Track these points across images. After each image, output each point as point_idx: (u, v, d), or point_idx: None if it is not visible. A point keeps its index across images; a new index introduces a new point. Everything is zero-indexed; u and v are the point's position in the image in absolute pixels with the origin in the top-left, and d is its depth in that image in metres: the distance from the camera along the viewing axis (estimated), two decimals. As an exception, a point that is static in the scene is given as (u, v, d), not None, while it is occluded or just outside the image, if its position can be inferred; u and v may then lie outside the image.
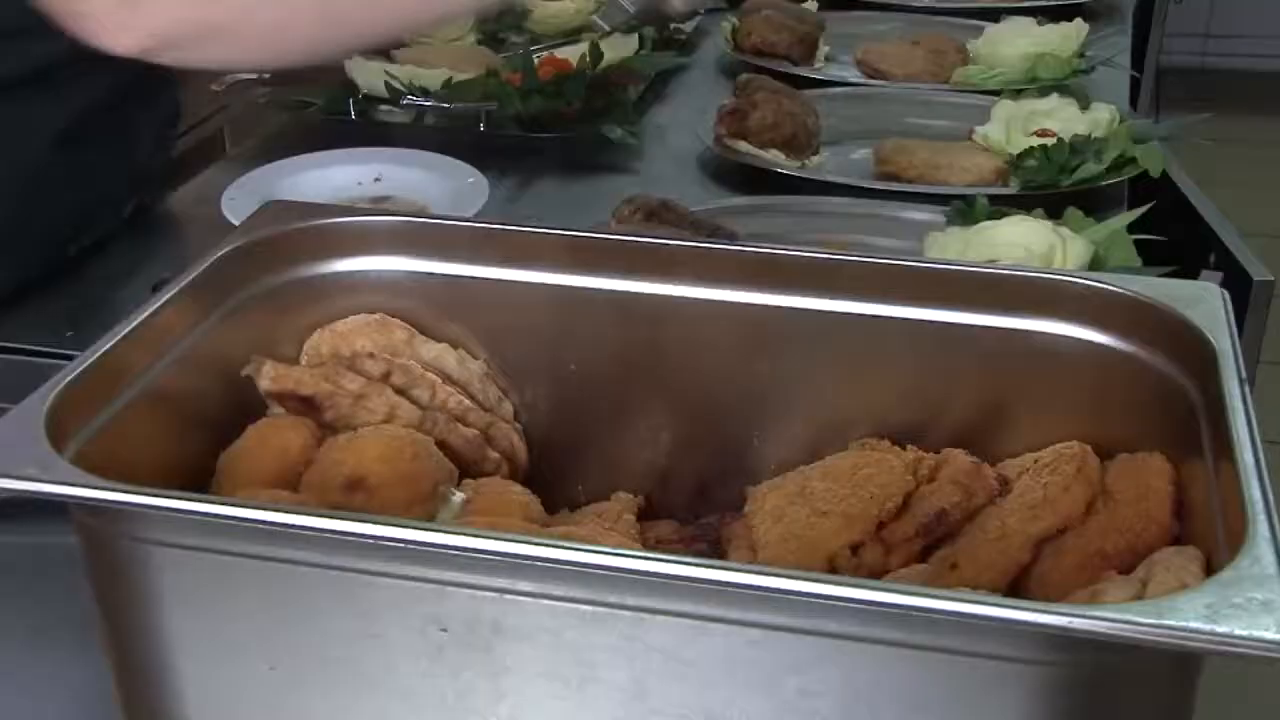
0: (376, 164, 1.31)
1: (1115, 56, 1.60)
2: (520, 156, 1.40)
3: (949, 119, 1.46)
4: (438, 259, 0.84)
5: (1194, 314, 0.70)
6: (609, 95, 1.42)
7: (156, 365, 0.70)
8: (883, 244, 1.22)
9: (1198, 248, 1.34)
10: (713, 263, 0.82)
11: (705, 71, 1.69)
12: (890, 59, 1.62)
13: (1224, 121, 3.73)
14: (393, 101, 1.43)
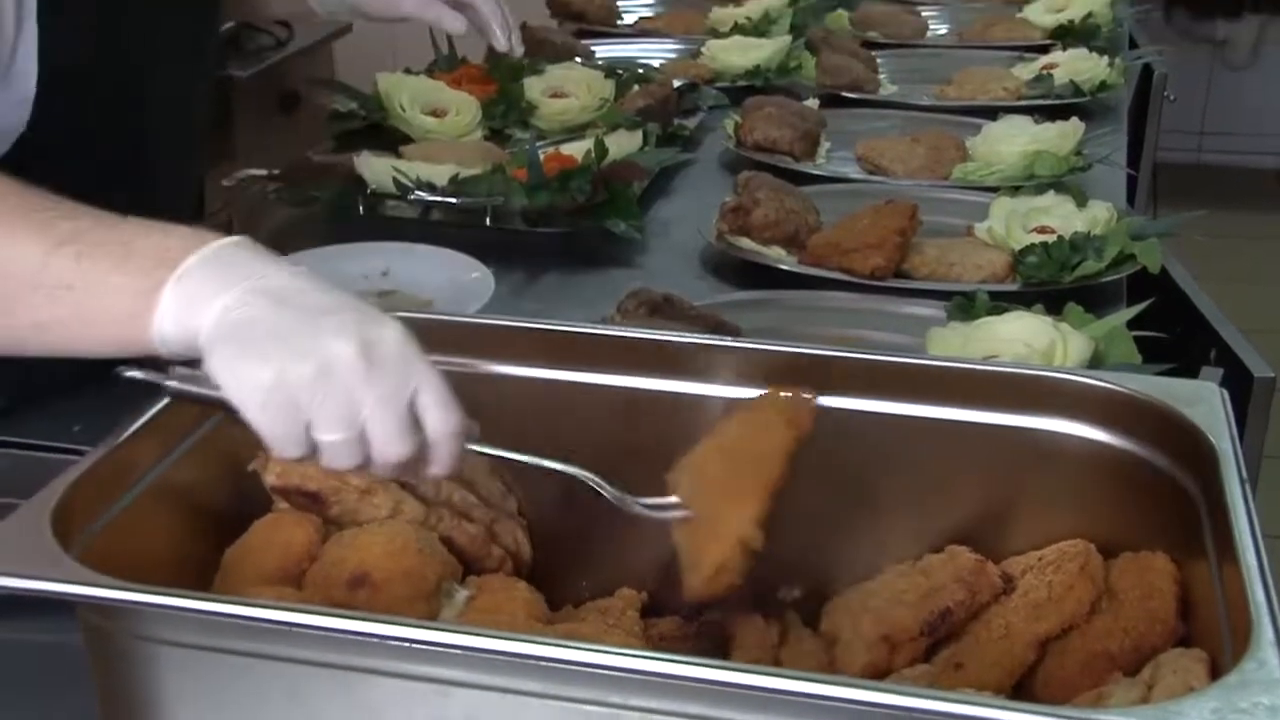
0: (383, 258, 1.32)
1: (1112, 154, 1.62)
2: (526, 250, 1.41)
3: (949, 215, 1.48)
4: (443, 354, 0.84)
5: (1194, 413, 0.71)
6: (613, 190, 1.44)
7: (164, 461, 0.70)
8: (884, 339, 1.23)
9: (1198, 343, 1.35)
10: (715, 359, 0.83)
11: (708, 167, 1.71)
12: (890, 155, 1.64)
13: (1220, 217, 3.76)
14: (400, 196, 1.45)
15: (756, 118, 1.66)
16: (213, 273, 0.73)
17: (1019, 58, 1.98)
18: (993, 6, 2.31)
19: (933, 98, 1.89)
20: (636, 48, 2.10)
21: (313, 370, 0.67)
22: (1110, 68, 1.85)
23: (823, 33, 2.03)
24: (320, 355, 0.68)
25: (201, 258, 0.73)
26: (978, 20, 2.20)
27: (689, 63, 2.00)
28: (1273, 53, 4.31)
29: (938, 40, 2.20)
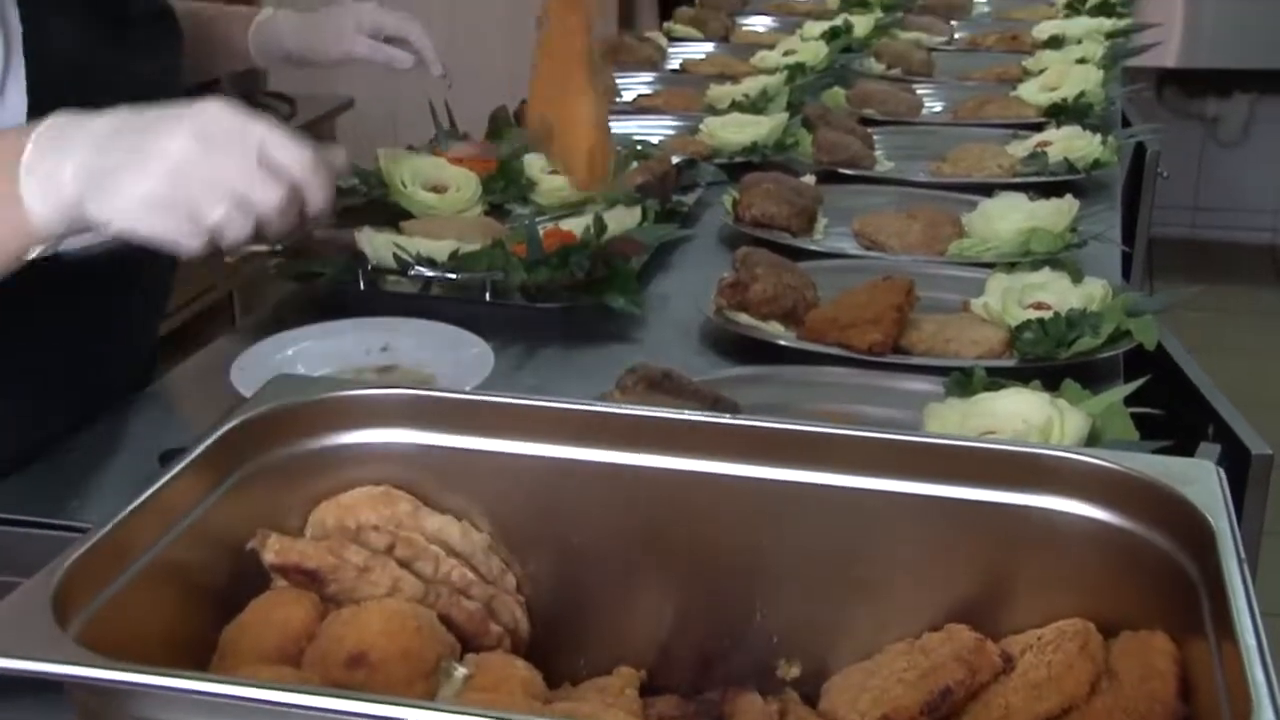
0: (383, 334, 1.33)
1: (1106, 231, 1.64)
2: (526, 325, 1.42)
3: (946, 290, 1.49)
4: (442, 431, 0.85)
5: (1191, 492, 0.71)
6: (612, 266, 1.45)
7: (163, 539, 0.70)
8: (882, 415, 1.23)
9: (1195, 418, 1.35)
10: (714, 437, 0.83)
11: (707, 242, 1.72)
12: (887, 231, 1.65)
13: (1215, 291, 3.81)
14: (401, 272, 1.46)
15: (754, 194, 1.68)
16: (49, 148, 0.84)
17: (1013, 135, 2.00)
18: (987, 85, 2.34)
19: (929, 174, 1.91)
20: (636, 124, 2.13)
21: (167, 173, 0.80)
22: (1103, 145, 1.87)
23: (819, 109, 2.05)
24: (167, 159, 0.81)
25: (35, 144, 0.84)
26: (972, 98, 2.23)
27: (687, 139, 2.02)
28: (1263, 130, 4.36)
29: (933, 117, 2.23)
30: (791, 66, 2.33)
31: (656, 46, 2.57)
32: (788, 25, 2.76)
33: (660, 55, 2.55)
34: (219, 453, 0.77)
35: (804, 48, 2.43)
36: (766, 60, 2.42)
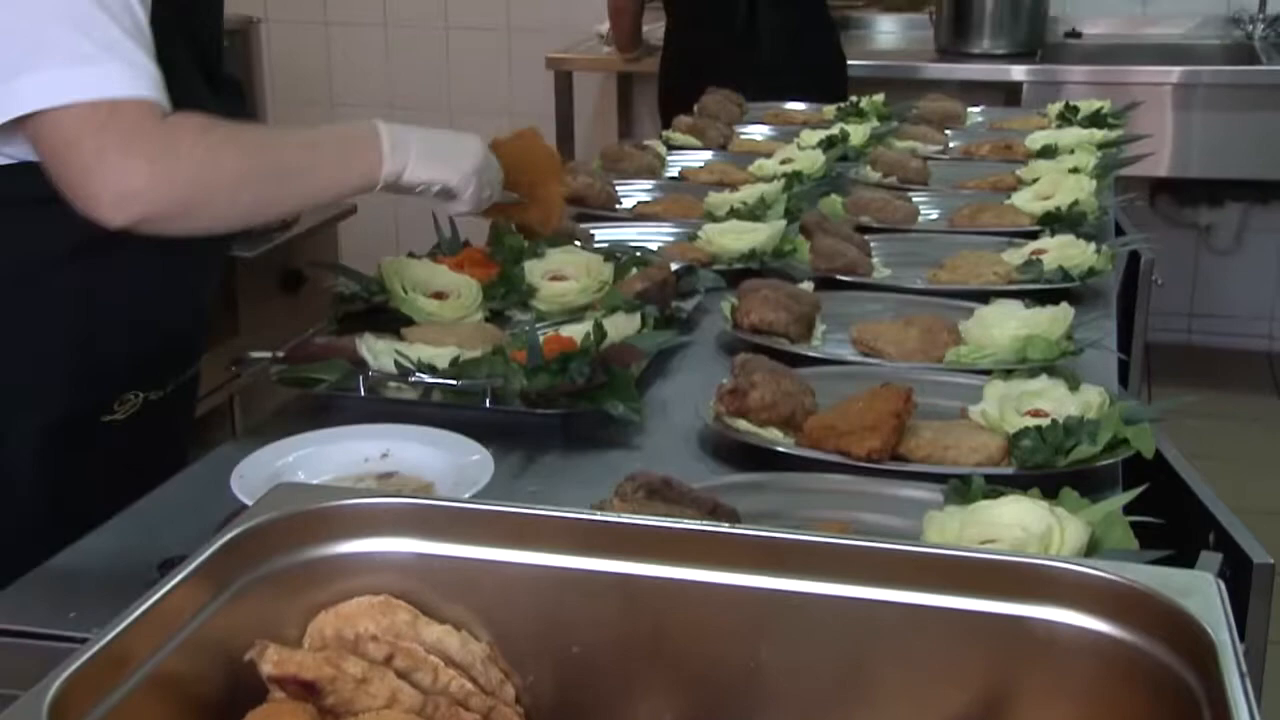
0: (384, 440, 1.33)
1: (1102, 339, 1.65)
2: (525, 432, 1.43)
3: (943, 397, 1.49)
4: (442, 540, 0.85)
5: (1192, 604, 0.71)
6: (612, 373, 1.46)
7: (162, 650, 0.70)
8: (881, 522, 1.23)
9: (1195, 526, 1.35)
10: (714, 547, 0.83)
11: (706, 348, 1.73)
12: (885, 338, 1.66)
13: (1213, 398, 3.82)
14: (401, 378, 1.47)
15: (752, 300, 1.69)
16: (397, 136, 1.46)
17: (1009, 243, 2.02)
18: (981, 193, 2.37)
19: (925, 281, 1.92)
20: (635, 231, 2.15)
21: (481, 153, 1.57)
22: (1098, 254, 1.89)
23: (817, 217, 2.07)
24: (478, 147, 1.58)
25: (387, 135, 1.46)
26: (967, 206, 2.25)
27: (686, 246, 2.04)
28: (1255, 239, 4.41)
29: (929, 225, 2.25)
30: (789, 175, 2.36)
31: (656, 154, 2.60)
32: (785, 134, 2.80)
33: (660, 163, 2.58)
34: (219, 562, 0.77)
35: (801, 156, 2.46)
36: (764, 168, 2.45)
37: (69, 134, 1.25)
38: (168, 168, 1.27)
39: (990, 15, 4.10)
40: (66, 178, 1.26)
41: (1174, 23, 4.29)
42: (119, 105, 1.25)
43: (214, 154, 1.31)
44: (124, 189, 1.25)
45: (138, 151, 1.26)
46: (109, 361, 1.43)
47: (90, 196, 1.25)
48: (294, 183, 1.42)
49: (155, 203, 1.27)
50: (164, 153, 1.27)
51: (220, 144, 1.32)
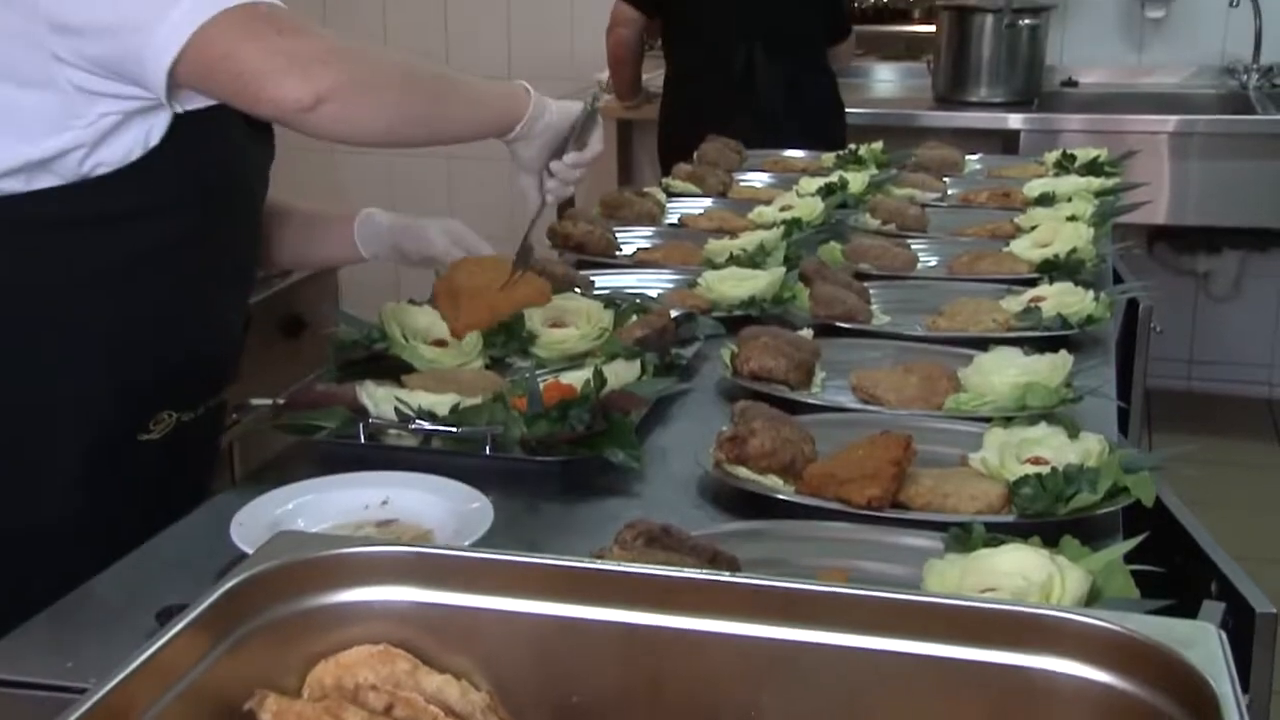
0: (384, 488, 1.33)
1: (1102, 386, 1.65)
2: (525, 479, 1.43)
3: (943, 445, 1.49)
4: (442, 589, 0.85)
5: (1193, 655, 0.71)
6: (612, 420, 1.46)
7: (161, 700, 0.70)
8: (881, 570, 1.23)
9: (1197, 575, 1.35)
10: (714, 595, 0.83)
11: (705, 395, 1.73)
12: (885, 386, 1.66)
13: (1213, 445, 3.82)
14: (402, 425, 1.47)
15: (752, 347, 1.70)
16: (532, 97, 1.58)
17: (1007, 290, 2.03)
18: (980, 241, 2.38)
19: (924, 328, 1.93)
20: (635, 278, 2.16)
21: None
22: (1096, 301, 1.89)
23: (816, 264, 2.08)
24: None
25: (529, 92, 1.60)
26: (966, 254, 2.26)
27: (686, 292, 2.05)
28: (1254, 286, 4.42)
29: (928, 272, 2.26)
30: (788, 222, 2.37)
31: (656, 202, 2.61)
32: (784, 181, 2.82)
33: (659, 210, 2.59)
34: (218, 611, 0.77)
35: (800, 203, 2.47)
36: (764, 215, 2.47)
37: (227, 41, 1.28)
38: (334, 49, 1.32)
39: (987, 64, 4.14)
40: (238, 78, 1.29)
41: (1169, 72, 4.33)
42: (260, 5, 1.30)
43: (371, 49, 1.39)
44: (304, 65, 1.28)
45: (301, 35, 1.30)
46: (145, 381, 1.46)
47: (269, 80, 1.27)
48: (454, 95, 1.49)
49: (335, 77, 1.29)
50: (324, 38, 1.32)
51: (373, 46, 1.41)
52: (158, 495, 1.43)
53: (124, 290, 1.42)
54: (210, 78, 1.32)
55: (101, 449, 1.44)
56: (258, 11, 1.30)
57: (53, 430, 1.42)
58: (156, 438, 1.49)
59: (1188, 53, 4.32)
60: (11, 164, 1.34)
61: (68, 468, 1.42)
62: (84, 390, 1.42)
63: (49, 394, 1.42)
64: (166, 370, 1.49)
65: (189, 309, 1.50)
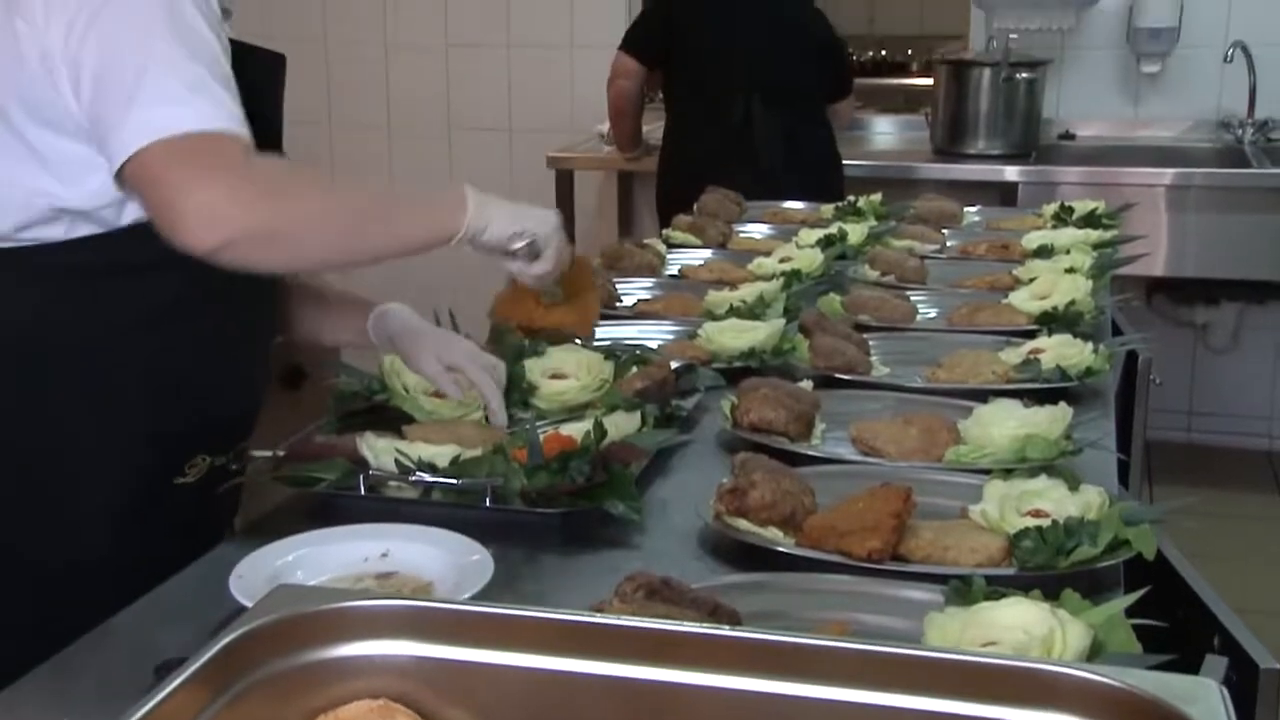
0: (383, 540, 1.33)
1: (1101, 438, 1.65)
2: (525, 531, 1.43)
3: (943, 497, 1.49)
4: (441, 643, 0.85)
5: (1196, 711, 0.71)
6: (612, 472, 1.46)
7: (158, 756, 0.70)
8: (881, 623, 1.22)
9: (1199, 629, 1.34)
10: (714, 649, 0.83)
11: (706, 447, 1.73)
12: (884, 437, 1.67)
13: (1214, 497, 3.81)
14: (402, 477, 1.47)
15: (752, 399, 1.70)
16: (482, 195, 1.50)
17: (1006, 342, 2.04)
18: (979, 293, 2.39)
19: (924, 380, 1.93)
20: (635, 329, 2.16)
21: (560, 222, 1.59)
22: (1095, 353, 1.90)
23: (815, 316, 2.09)
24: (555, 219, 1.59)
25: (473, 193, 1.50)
26: (965, 305, 2.27)
27: (686, 344, 2.06)
28: (1253, 338, 4.43)
29: (927, 324, 2.26)
30: (788, 273, 2.38)
31: (656, 253, 2.62)
32: (784, 233, 2.83)
33: (660, 261, 2.60)
34: (217, 665, 0.77)
35: (800, 255, 2.49)
36: (763, 267, 2.48)
37: (159, 166, 1.33)
38: (253, 194, 1.34)
39: (985, 117, 4.17)
40: (158, 207, 1.33)
41: (1165, 125, 4.36)
42: (205, 136, 1.33)
43: (298, 187, 1.41)
44: (211, 212, 1.31)
45: (224, 178, 1.33)
46: (182, 426, 1.50)
47: (179, 219, 1.31)
48: (376, 225, 1.47)
49: (242, 226, 1.32)
50: (249, 180, 1.35)
51: (305, 180, 1.43)
52: (191, 534, 1.46)
53: (161, 335, 1.46)
54: (142, 195, 1.37)
55: (138, 491, 1.48)
56: (200, 145, 1.33)
57: (92, 473, 1.46)
58: (191, 480, 1.52)
59: (1183, 107, 4.35)
60: (53, 206, 1.40)
61: (105, 509, 1.46)
62: (122, 435, 1.46)
63: (89, 438, 1.45)
64: (202, 415, 1.52)
65: (222, 353, 1.53)
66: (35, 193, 1.41)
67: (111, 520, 1.47)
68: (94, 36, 1.35)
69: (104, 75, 1.35)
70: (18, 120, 1.40)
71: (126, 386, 1.46)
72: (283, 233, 1.37)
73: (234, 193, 1.33)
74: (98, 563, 1.45)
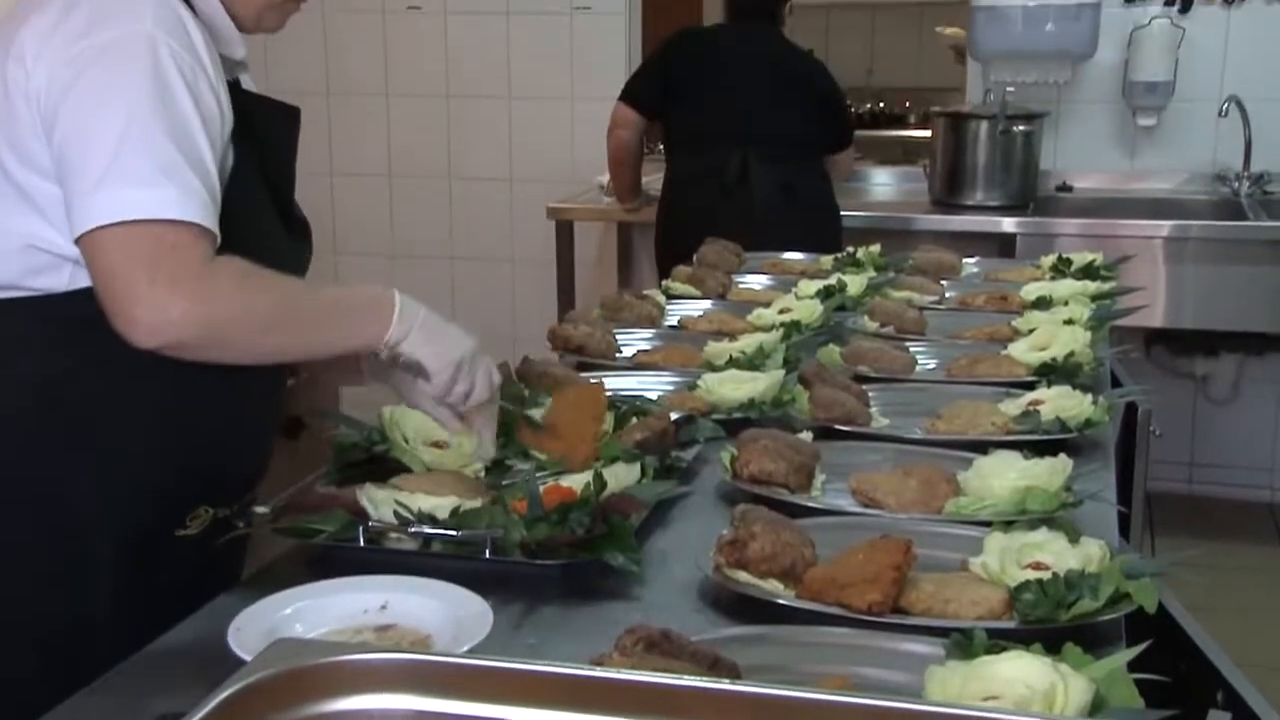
0: (383, 592, 1.33)
1: (1102, 490, 1.65)
2: (525, 583, 1.42)
3: (943, 549, 1.49)
4: (440, 697, 0.85)
5: (1199, 768, 0.70)
6: (612, 523, 1.46)
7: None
8: (882, 677, 1.22)
9: (1201, 683, 1.34)
10: (713, 703, 0.82)
11: (705, 498, 1.73)
12: (884, 489, 1.66)
13: (1216, 549, 3.80)
14: (402, 529, 1.46)
15: (752, 450, 1.70)
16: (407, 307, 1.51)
17: (1006, 394, 2.04)
18: (978, 344, 2.39)
19: (923, 431, 1.93)
20: (635, 380, 2.16)
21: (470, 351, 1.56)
22: (1095, 405, 1.90)
23: (815, 367, 2.09)
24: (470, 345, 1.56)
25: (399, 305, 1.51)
26: (964, 356, 2.27)
27: (686, 395, 2.06)
28: (1253, 390, 4.43)
29: (927, 375, 2.26)
30: (787, 324, 2.39)
31: (655, 304, 2.63)
32: (783, 284, 2.84)
33: (659, 313, 2.60)
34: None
35: (799, 306, 2.49)
36: (763, 318, 2.48)
37: (115, 254, 1.34)
38: (205, 306, 1.36)
39: (983, 169, 4.20)
40: (107, 296, 1.35)
41: (1162, 178, 4.39)
42: (167, 228, 1.34)
43: (249, 298, 1.41)
44: (160, 319, 1.34)
45: (179, 286, 1.35)
46: (184, 478, 1.51)
47: (128, 319, 1.35)
48: (313, 334, 1.50)
49: (187, 333, 1.36)
50: (203, 291, 1.36)
51: (256, 291, 1.42)
52: (192, 586, 1.44)
53: (164, 386, 1.47)
54: (93, 275, 1.38)
55: (140, 545, 1.48)
56: (159, 241, 1.35)
57: (94, 527, 1.46)
58: (194, 533, 1.53)
59: (1179, 160, 4.38)
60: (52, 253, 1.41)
61: (108, 563, 1.46)
62: (124, 486, 1.46)
63: (88, 490, 1.46)
64: (204, 467, 1.53)
65: (228, 404, 1.54)
66: (34, 239, 1.42)
67: (111, 571, 1.47)
68: (74, 95, 1.36)
69: (76, 139, 1.36)
70: (10, 165, 1.41)
71: (129, 438, 1.47)
72: (226, 339, 1.40)
73: (185, 304, 1.35)
74: (97, 614, 1.45)
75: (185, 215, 1.35)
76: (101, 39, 1.38)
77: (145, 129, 1.35)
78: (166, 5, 1.43)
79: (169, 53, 1.39)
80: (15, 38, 1.40)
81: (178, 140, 1.37)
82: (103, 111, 1.36)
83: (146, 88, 1.37)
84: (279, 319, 1.45)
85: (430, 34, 4.92)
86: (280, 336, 1.46)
